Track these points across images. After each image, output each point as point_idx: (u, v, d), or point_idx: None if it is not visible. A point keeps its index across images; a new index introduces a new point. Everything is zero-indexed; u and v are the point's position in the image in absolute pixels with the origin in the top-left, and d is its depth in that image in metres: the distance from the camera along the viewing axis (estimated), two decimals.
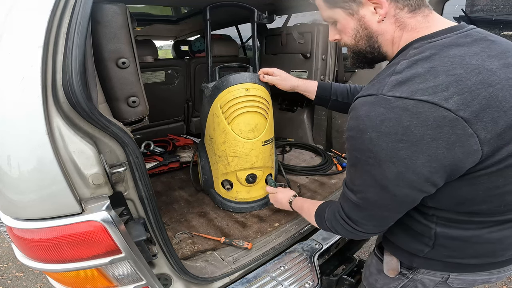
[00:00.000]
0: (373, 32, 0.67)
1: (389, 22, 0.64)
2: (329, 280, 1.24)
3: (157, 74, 2.14)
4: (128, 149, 0.72)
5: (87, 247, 0.68)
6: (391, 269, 0.84)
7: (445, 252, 0.72)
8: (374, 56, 0.72)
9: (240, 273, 1.09)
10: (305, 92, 1.24)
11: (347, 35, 0.71)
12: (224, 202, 1.48)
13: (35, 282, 2.17)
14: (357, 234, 0.75)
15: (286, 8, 2.00)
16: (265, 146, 1.39)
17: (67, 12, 0.61)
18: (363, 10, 0.65)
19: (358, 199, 0.67)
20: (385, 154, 0.55)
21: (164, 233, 0.87)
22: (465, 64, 0.53)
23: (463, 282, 0.76)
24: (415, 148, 0.53)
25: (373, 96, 0.57)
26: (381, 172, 0.58)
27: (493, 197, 0.60)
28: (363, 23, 0.67)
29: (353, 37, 0.71)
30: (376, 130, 0.55)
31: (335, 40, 0.77)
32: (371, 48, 0.70)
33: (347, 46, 0.76)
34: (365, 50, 0.71)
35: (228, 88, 1.29)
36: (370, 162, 0.58)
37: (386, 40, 0.67)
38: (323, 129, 2.15)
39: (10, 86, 0.57)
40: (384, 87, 0.56)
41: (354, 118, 0.60)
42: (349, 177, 0.69)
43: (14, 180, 0.59)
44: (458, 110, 0.50)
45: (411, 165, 0.54)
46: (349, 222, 0.73)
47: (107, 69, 0.89)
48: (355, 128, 0.60)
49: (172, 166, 1.95)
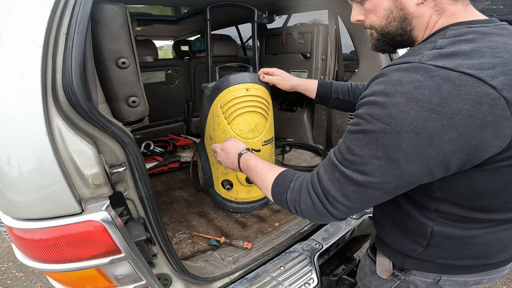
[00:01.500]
0: (409, 14, 0.64)
1: (428, 6, 0.62)
2: (329, 280, 1.24)
3: (157, 74, 2.14)
4: (128, 149, 0.72)
5: (87, 247, 0.68)
6: (384, 270, 0.84)
7: (438, 252, 0.71)
8: (402, 40, 0.69)
9: (240, 273, 1.09)
10: (306, 91, 1.23)
11: (377, 15, 0.68)
12: (224, 202, 1.48)
13: (35, 282, 2.17)
14: (322, 217, 0.66)
15: (286, 8, 2.00)
16: (265, 146, 1.39)
17: (67, 12, 0.61)
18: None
19: (351, 172, 0.59)
20: (409, 123, 0.50)
21: (164, 233, 0.87)
22: (509, 50, 0.51)
23: (454, 283, 0.76)
24: (447, 122, 0.49)
25: (410, 64, 0.53)
26: (396, 143, 0.52)
27: (506, 191, 0.59)
28: (399, 4, 0.64)
29: (384, 18, 0.67)
30: (406, 95, 0.51)
31: (358, 21, 0.73)
32: (403, 30, 0.66)
33: (373, 28, 0.71)
34: (395, 32, 0.67)
35: (228, 88, 1.29)
36: (386, 130, 0.53)
37: (421, 24, 0.64)
38: (323, 129, 2.15)
39: (10, 86, 0.57)
40: (424, 57, 0.53)
41: (380, 82, 0.56)
42: (346, 146, 0.61)
43: (14, 180, 0.59)
44: (502, 90, 0.48)
45: (436, 139, 0.50)
46: (323, 200, 0.64)
47: (107, 69, 0.89)
48: (380, 92, 0.55)
49: (172, 166, 1.95)
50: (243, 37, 3.09)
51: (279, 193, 0.74)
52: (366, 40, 1.74)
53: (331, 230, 1.31)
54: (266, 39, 2.29)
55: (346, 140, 0.62)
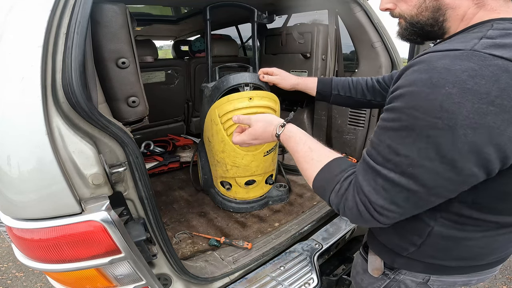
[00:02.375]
0: (444, 4, 0.59)
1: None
2: (329, 280, 1.24)
3: (157, 74, 2.14)
4: (128, 149, 0.72)
5: (86, 247, 0.68)
6: (375, 268, 0.83)
7: (429, 252, 0.70)
8: (432, 30, 0.64)
9: (240, 273, 1.09)
10: (306, 89, 1.22)
11: (409, 3, 0.63)
12: (224, 202, 1.48)
13: (35, 282, 2.17)
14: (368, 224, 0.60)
15: (286, 8, 2.00)
16: (267, 156, 1.39)
17: (66, 12, 0.61)
18: None
19: (398, 176, 0.52)
20: (465, 117, 0.45)
21: (164, 233, 0.87)
22: None
23: (443, 283, 0.76)
24: (507, 116, 0.44)
25: (459, 51, 0.48)
26: (451, 140, 0.46)
27: None
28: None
29: (416, 7, 0.62)
30: (459, 85, 0.45)
31: (387, 10, 0.69)
32: (434, 21, 0.62)
33: (403, 17, 0.67)
34: (426, 22, 0.63)
35: (228, 96, 1.23)
36: (438, 125, 0.47)
37: (456, 15, 0.59)
38: (323, 129, 2.15)
39: (10, 86, 0.57)
40: (476, 45, 0.48)
41: (421, 71, 0.49)
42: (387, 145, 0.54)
43: (14, 180, 0.59)
44: None
45: (496, 136, 0.45)
46: (370, 209, 0.57)
47: (107, 69, 0.89)
48: (423, 81, 0.48)
49: (172, 166, 1.95)
50: (243, 37, 3.09)
51: (322, 189, 0.67)
52: (366, 40, 1.75)
53: (331, 230, 1.31)
54: (266, 39, 2.29)
55: (384, 138, 0.55)
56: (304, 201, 1.55)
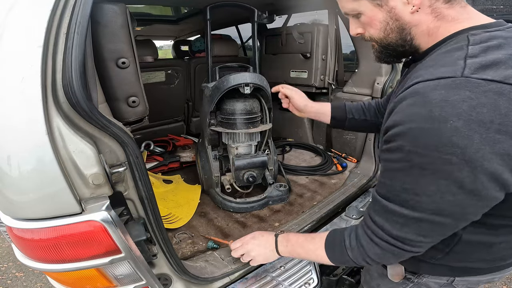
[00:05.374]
0: (405, 23, 0.61)
1: (424, 13, 0.59)
2: (329, 280, 1.24)
3: (157, 74, 2.14)
4: (128, 149, 0.72)
5: (87, 247, 0.68)
6: (396, 274, 0.81)
7: (457, 257, 0.69)
8: (405, 50, 0.66)
9: (240, 273, 1.09)
10: (318, 113, 1.14)
11: (374, 28, 0.66)
12: (224, 202, 1.48)
13: (35, 282, 2.17)
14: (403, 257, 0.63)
15: (286, 8, 2.00)
16: None
17: (67, 12, 0.61)
18: (393, 1, 0.60)
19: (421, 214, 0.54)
20: (477, 149, 0.45)
21: (164, 233, 0.87)
22: None
23: (468, 283, 0.75)
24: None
25: (451, 79, 0.47)
26: (471, 173, 0.46)
27: None
28: (393, 15, 0.61)
29: (382, 30, 0.65)
30: (463, 117, 0.44)
31: (357, 35, 0.72)
32: (403, 41, 0.64)
33: (374, 40, 0.69)
34: (396, 43, 0.65)
35: None
36: (453, 161, 0.46)
37: (421, 32, 0.62)
38: (323, 129, 2.15)
39: (10, 86, 0.57)
40: (465, 69, 0.47)
41: (418, 104, 0.49)
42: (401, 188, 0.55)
43: (14, 180, 0.59)
44: None
45: (510, 161, 0.45)
46: (398, 244, 0.60)
47: (107, 69, 0.89)
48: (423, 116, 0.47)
49: (172, 166, 1.95)
50: (243, 37, 3.09)
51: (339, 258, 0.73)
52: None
53: None
54: (266, 39, 2.29)
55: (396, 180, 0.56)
56: (304, 201, 1.55)
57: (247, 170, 1.44)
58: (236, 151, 1.47)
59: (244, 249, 0.98)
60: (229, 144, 1.46)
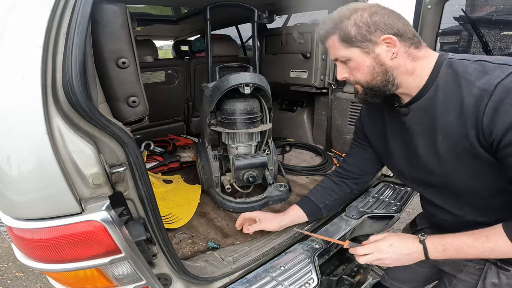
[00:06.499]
0: (388, 67, 0.75)
1: (402, 57, 0.74)
2: (329, 280, 1.24)
3: (157, 74, 2.14)
4: (128, 149, 0.72)
5: (87, 247, 0.68)
6: None
7: None
8: (388, 89, 0.78)
9: (240, 273, 1.09)
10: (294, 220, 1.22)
11: (362, 72, 0.77)
12: (224, 202, 1.48)
13: (35, 282, 2.17)
14: None
15: (286, 8, 2.00)
16: None
17: (67, 12, 0.61)
18: (378, 49, 0.74)
19: None
20: None
21: (164, 233, 0.87)
22: None
23: None
24: None
25: None
26: None
27: None
28: (379, 60, 0.74)
29: (369, 74, 0.77)
30: None
31: (343, 79, 0.82)
32: (387, 81, 0.77)
33: (359, 84, 0.80)
34: (381, 84, 0.77)
35: None
36: None
37: (402, 72, 0.76)
38: (323, 129, 2.15)
39: (10, 86, 0.57)
40: None
41: None
42: None
43: (14, 180, 0.59)
44: None
45: None
46: None
47: (107, 69, 0.89)
48: None
49: (172, 166, 1.95)
50: (243, 37, 3.09)
51: None
52: None
53: (331, 230, 1.30)
54: (266, 39, 2.29)
55: None
56: None
57: (247, 170, 1.44)
58: (236, 151, 1.47)
59: (375, 257, 0.89)
60: (229, 144, 1.46)
